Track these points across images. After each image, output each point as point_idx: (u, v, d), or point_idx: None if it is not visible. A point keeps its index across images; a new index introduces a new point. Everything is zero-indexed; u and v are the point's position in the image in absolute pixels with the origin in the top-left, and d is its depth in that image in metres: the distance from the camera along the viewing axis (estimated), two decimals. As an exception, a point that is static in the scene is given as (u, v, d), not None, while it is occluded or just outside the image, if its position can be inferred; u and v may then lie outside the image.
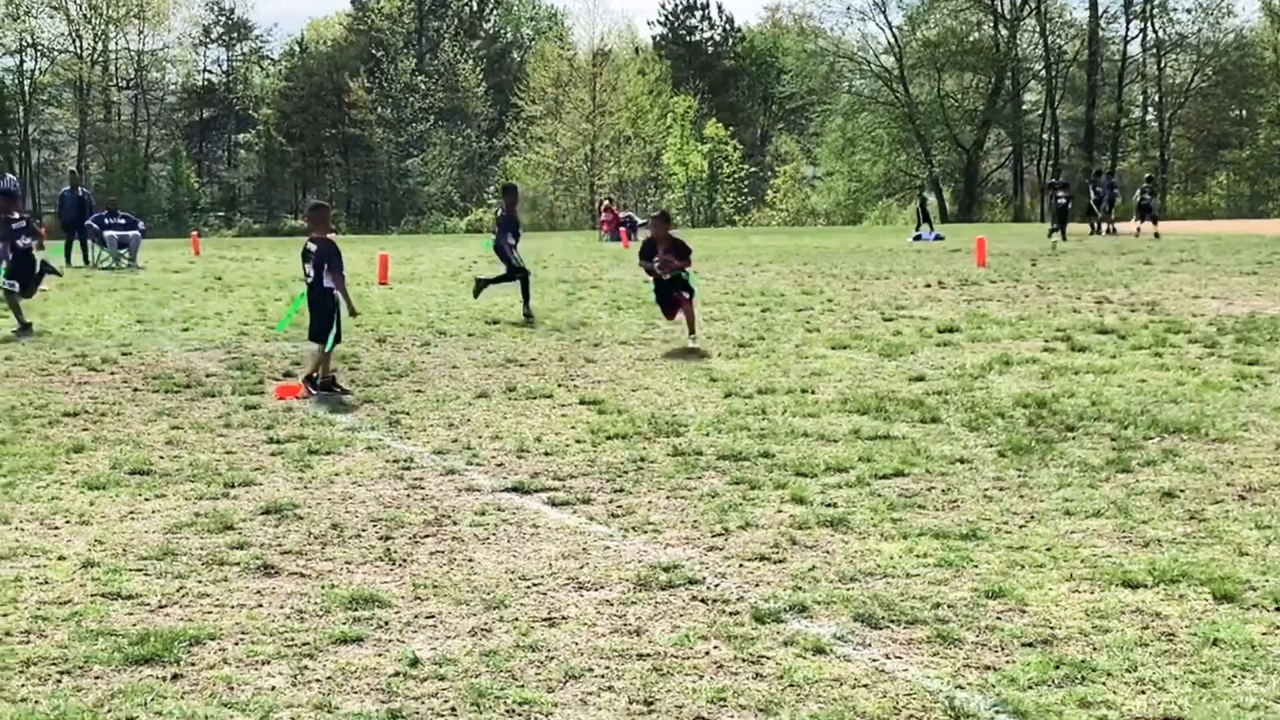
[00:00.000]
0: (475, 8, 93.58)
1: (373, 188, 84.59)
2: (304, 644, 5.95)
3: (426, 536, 7.83)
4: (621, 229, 47.10)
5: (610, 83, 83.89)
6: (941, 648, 5.80)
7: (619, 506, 8.48)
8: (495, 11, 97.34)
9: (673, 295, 16.18)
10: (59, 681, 5.50)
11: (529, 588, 6.83)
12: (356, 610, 6.43)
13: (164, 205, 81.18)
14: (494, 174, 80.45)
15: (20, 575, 6.97)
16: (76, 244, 34.00)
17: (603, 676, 5.56)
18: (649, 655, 5.80)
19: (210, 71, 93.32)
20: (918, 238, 45.72)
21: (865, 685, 5.38)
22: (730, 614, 6.30)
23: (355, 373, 14.28)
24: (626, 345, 16.30)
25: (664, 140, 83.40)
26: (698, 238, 42.50)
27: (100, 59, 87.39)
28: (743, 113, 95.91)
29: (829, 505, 8.32)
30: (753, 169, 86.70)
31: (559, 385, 13.43)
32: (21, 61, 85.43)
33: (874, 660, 5.67)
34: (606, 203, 54.80)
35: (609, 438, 10.61)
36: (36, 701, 5.26)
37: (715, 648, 5.88)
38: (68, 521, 8.16)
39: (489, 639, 6.05)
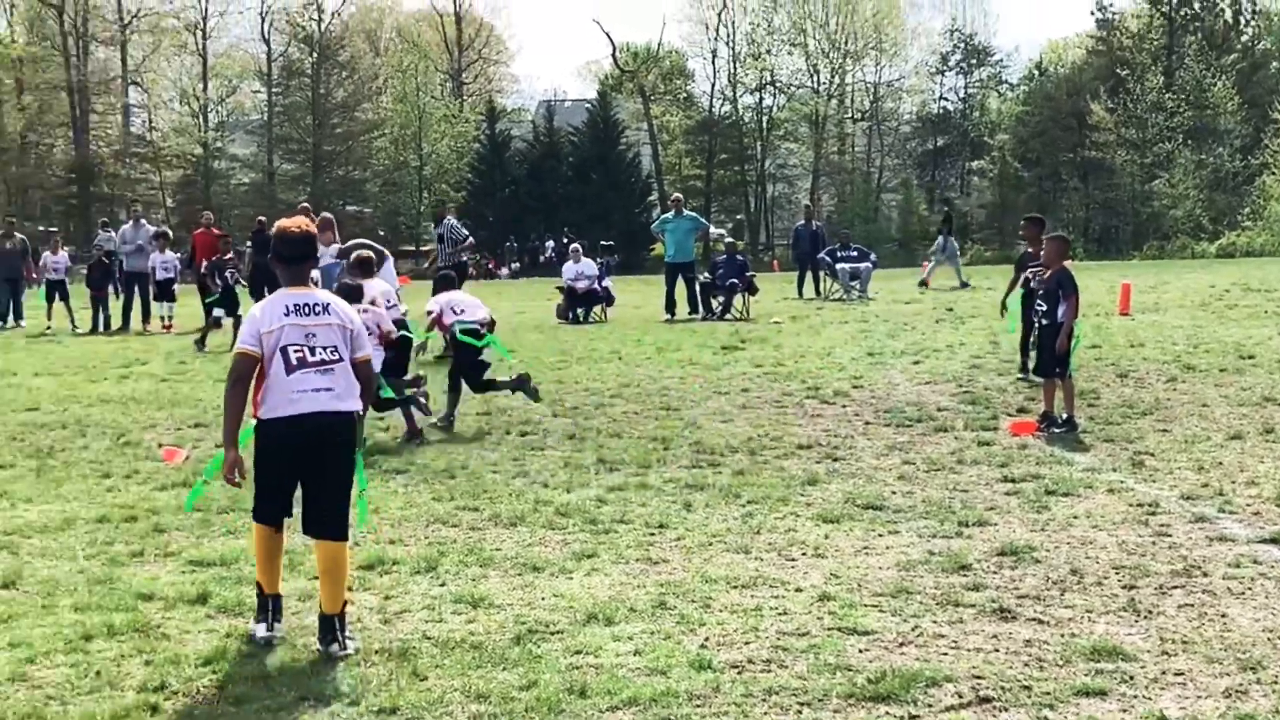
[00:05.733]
0: (1230, 20, 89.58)
1: (1113, 211, 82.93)
2: (1044, 693, 5.94)
3: (1175, 587, 7.59)
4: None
5: (1388, 87, 77.68)
6: None
7: (1401, 566, 7.84)
8: (1251, 23, 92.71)
9: None
10: (799, 713, 5.80)
11: (1291, 650, 6.46)
12: (1099, 662, 6.34)
13: (893, 235, 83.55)
14: (1249, 194, 76.66)
15: (760, 605, 7.41)
16: (809, 276, 35.74)
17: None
18: None
19: (946, 99, 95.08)
20: None
21: None
22: None
23: (1095, 409, 14.06)
24: None
25: None
26: None
27: (836, 92, 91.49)
28: None
29: None
30: None
31: (1326, 426, 12.58)
32: (760, 99, 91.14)
33: None
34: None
35: (1387, 487, 9.83)
36: (778, 730, 5.57)
37: None
38: (803, 554, 8.59)
39: (1244, 701, 5.80)
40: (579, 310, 28.63)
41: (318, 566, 7.08)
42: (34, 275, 32.85)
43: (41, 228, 54.78)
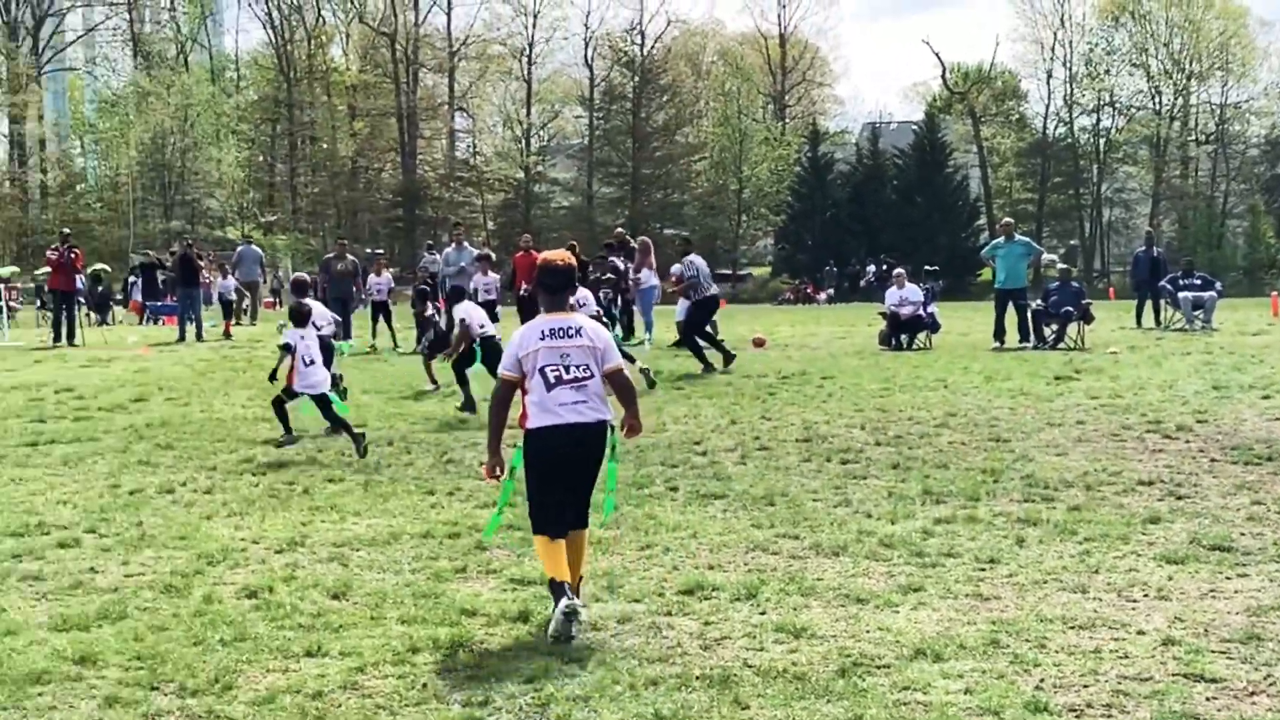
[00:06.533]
0: None
1: None
2: None
3: None
4: None
5: None
6: None
7: None
8: None
9: None
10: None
11: None
12: None
13: (1239, 263, 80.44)
14: None
15: (1099, 647, 7.19)
16: (1149, 305, 34.70)
17: None
18: None
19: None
20: None
21: None
22: None
23: None
24: None
25: None
26: None
27: (1179, 114, 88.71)
28: None
29: None
30: None
31: None
32: (1098, 120, 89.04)
33: None
34: None
35: None
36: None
37: None
38: (1145, 595, 8.30)
39: None
40: (902, 337, 28.36)
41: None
42: (363, 296, 34.29)
43: (368, 249, 57.21)
